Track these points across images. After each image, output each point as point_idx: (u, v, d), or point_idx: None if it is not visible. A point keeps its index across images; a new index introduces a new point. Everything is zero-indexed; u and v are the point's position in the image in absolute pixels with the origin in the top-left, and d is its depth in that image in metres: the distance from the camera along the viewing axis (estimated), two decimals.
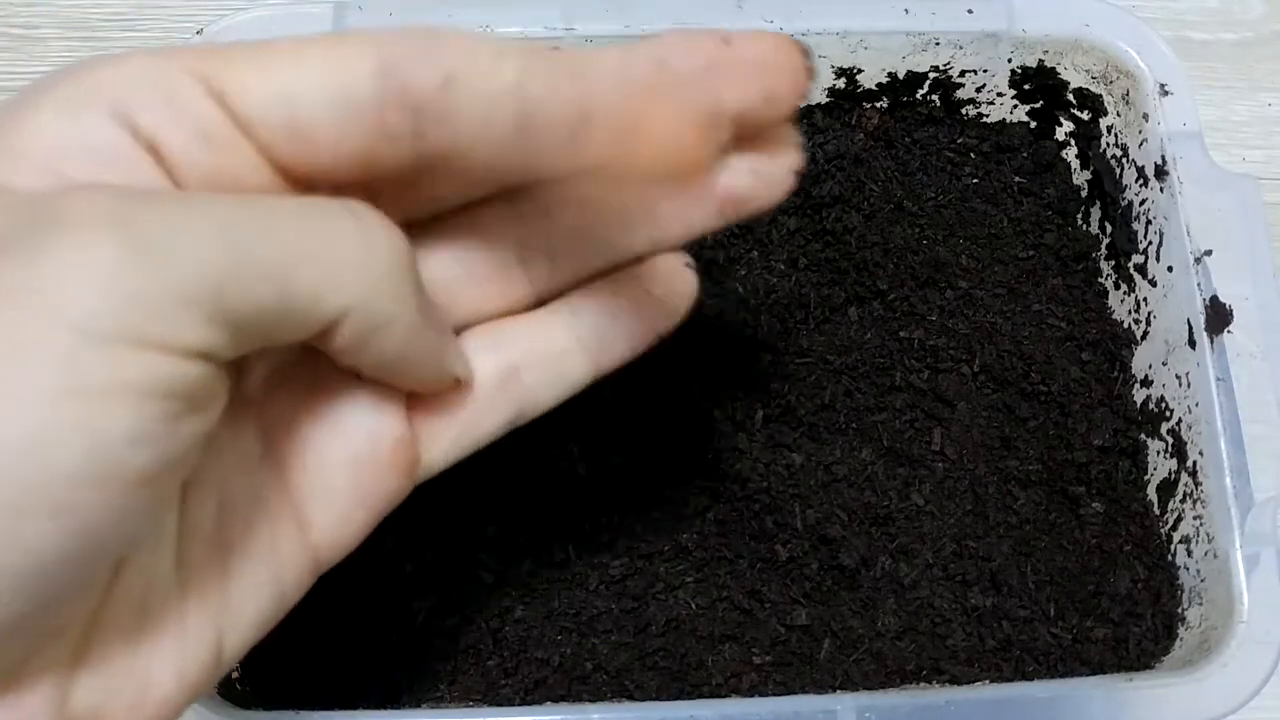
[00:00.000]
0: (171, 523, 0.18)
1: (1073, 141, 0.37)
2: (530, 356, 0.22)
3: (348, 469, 0.20)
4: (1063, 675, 0.30)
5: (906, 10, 0.34)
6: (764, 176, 0.21)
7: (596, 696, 0.30)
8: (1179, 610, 0.31)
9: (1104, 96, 0.35)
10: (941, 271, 0.35)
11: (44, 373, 0.14)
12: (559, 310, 0.23)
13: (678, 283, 0.23)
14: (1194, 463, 0.31)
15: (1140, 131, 0.34)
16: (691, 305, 0.23)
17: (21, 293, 0.14)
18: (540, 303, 0.23)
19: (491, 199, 0.22)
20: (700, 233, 0.22)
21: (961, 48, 0.35)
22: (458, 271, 0.22)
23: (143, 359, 0.15)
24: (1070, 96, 0.36)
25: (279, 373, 0.20)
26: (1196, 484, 0.30)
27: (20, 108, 0.17)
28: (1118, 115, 0.35)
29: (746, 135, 0.20)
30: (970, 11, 0.34)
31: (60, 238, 0.15)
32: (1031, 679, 0.30)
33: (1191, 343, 0.31)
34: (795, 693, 0.30)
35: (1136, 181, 0.34)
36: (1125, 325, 0.35)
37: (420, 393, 0.21)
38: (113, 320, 0.15)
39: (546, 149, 0.18)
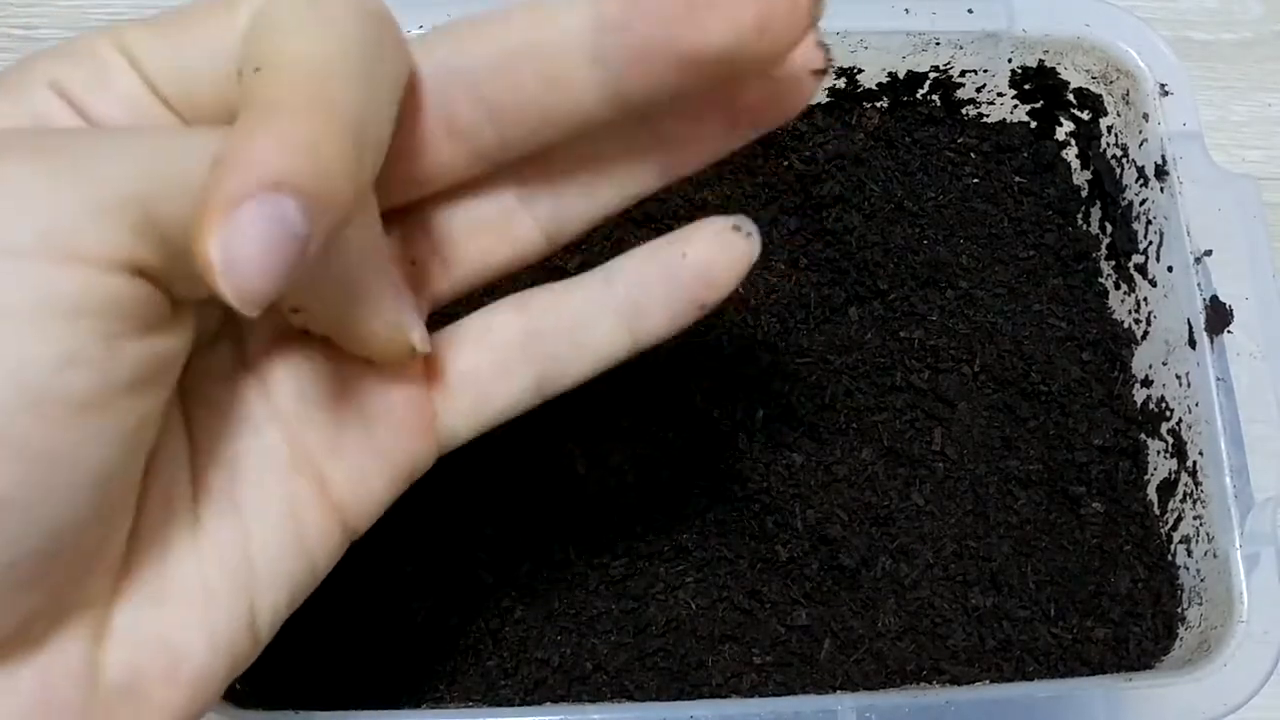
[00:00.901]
0: (183, 484, 0.18)
1: (1073, 141, 0.37)
2: (556, 322, 0.21)
3: (360, 426, 0.20)
4: (1063, 675, 0.30)
5: (906, 10, 0.34)
6: (782, 82, 0.19)
7: (596, 697, 0.30)
8: (1179, 610, 0.31)
9: (1104, 96, 0.35)
10: (942, 271, 0.35)
11: None
12: (592, 276, 0.21)
13: (722, 247, 0.21)
14: (1194, 463, 0.31)
15: (1140, 131, 0.34)
16: (741, 276, 0.21)
17: None
18: (554, 246, 0.21)
19: None
20: (717, 156, 0.20)
21: (961, 48, 0.35)
22: (453, 223, 0.21)
23: (66, 273, 0.14)
24: (1070, 96, 0.36)
25: (284, 336, 0.20)
26: (1196, 484, 0.30)
27: None
28: (1118, 115, 0.35)
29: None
30: (970, 11, 0.34)
31: None
32: (1032, 679, 0.30)
33: (1191, 343, 0.31)
34: (795, 693, 0.30)
35: (1136, 181, 0.34)
36: (1125, 325, 0.35)
37: (381, 361, 0.20)
38: (30, 235, 0.14)
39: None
